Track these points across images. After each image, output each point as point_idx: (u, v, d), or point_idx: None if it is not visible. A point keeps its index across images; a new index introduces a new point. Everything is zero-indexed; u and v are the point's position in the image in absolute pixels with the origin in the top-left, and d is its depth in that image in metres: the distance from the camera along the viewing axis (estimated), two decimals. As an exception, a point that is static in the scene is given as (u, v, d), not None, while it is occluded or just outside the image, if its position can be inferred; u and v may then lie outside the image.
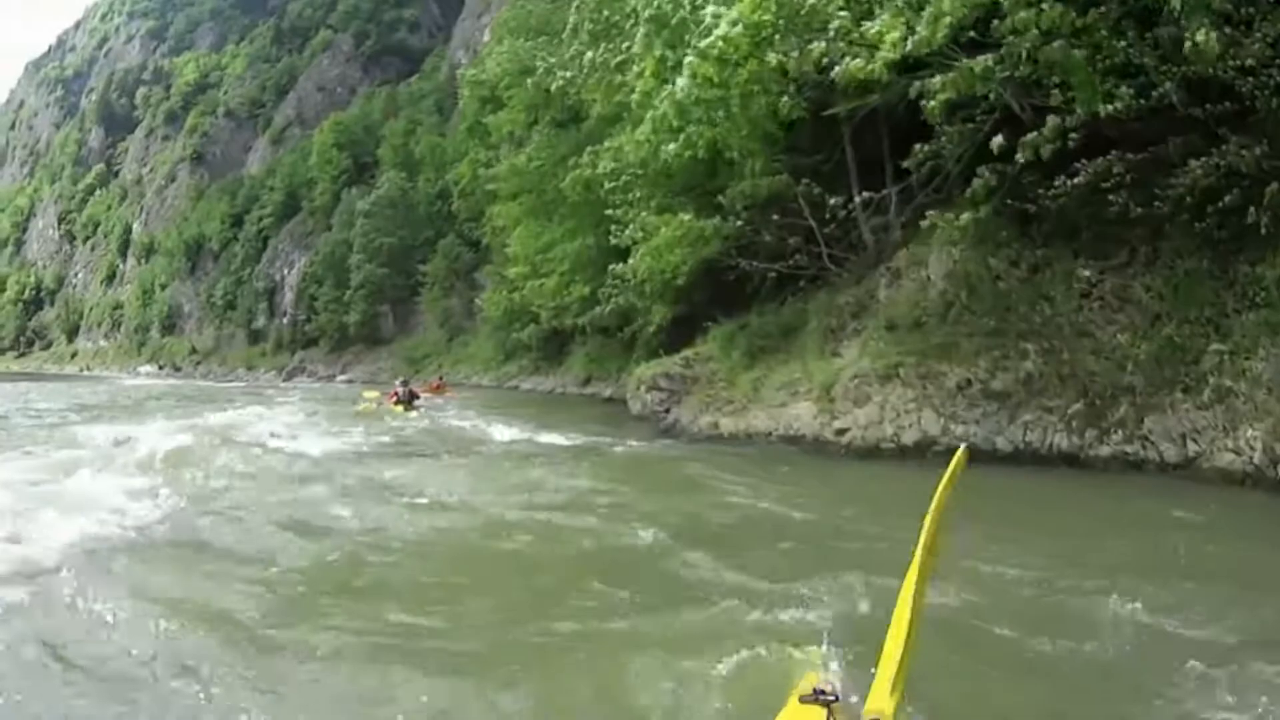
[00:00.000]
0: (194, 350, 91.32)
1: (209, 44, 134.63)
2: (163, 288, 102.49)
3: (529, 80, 28.05)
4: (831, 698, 3.25)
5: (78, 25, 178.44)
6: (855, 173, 16.40)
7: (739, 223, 16.98)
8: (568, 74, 22.14)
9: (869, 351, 13.82)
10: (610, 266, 21.87)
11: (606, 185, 20.33)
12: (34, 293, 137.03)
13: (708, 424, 15.72)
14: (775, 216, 16.75)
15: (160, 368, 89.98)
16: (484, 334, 49.05)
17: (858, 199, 16.09)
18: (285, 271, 79.29)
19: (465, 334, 53.84)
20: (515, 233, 34.05)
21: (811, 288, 16.93)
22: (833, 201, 15.77)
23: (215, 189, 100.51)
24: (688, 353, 18.96)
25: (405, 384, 28.47)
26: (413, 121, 71.41)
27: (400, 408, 25.78)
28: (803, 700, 3.31)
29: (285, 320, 76.29)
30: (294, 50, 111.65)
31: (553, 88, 24.65)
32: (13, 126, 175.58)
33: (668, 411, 17.44)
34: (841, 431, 13.30)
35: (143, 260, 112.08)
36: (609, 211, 20.41)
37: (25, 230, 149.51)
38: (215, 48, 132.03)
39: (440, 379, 39.58)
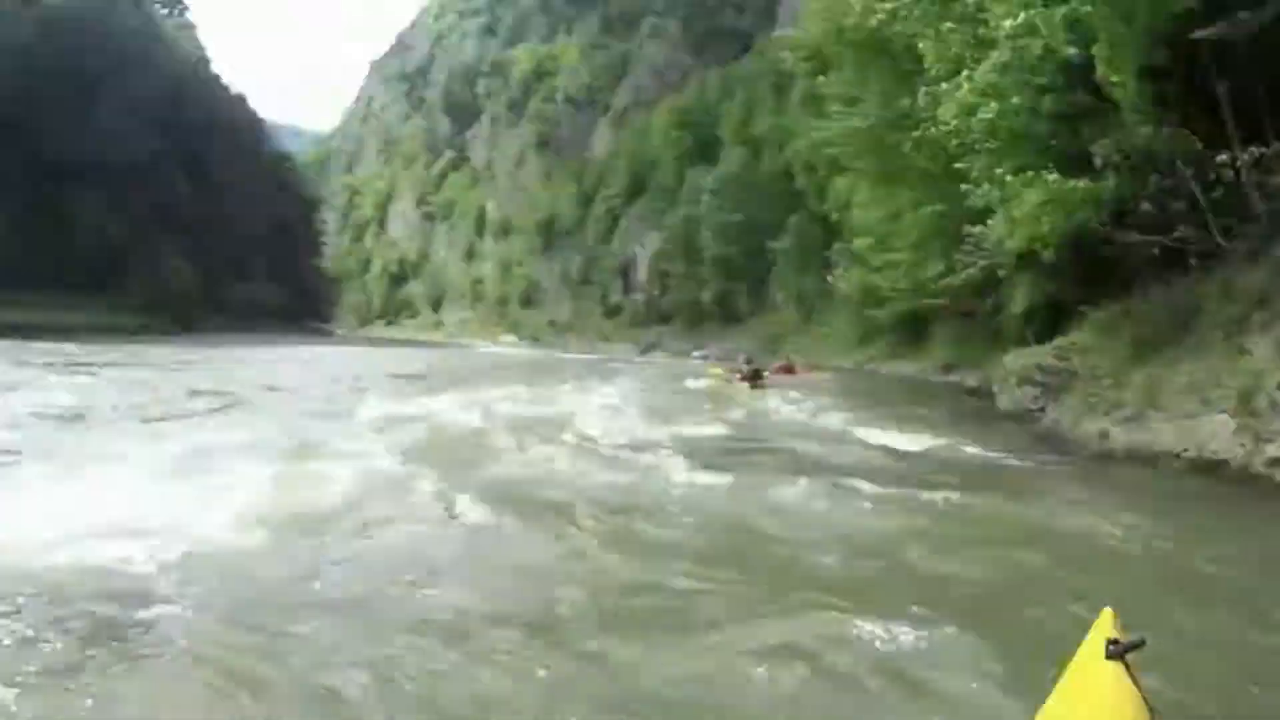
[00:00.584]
0: (552, 323, 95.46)
1: (540, 36, 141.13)
2: (519, 264, 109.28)
3: (848, 26, 26.35)
4: (1134, 642, 2.98)
5: (413, 25, 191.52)
6: (1232, 119, 13.17)
7: (1113, 183, 13.88)
8: (888, 5, 20.51)
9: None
10: (966, 229, 20.22)
11: (953, 142, 17.59)
12: (398, 267, 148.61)
13: (1094, 432, 12.93)
14: (1155, 176, 13.48)
15: (520, 339, 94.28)
16: (840, 314, 47.86)
17: (1244, 156, 12.62)
18: (636, 248, 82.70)
19: (820, 313, 52.82)
20: (857, 201, 33.50)
21: (1199, 267, 14.07)
22: (1220, 158, 12.75)
23: (562, 171, 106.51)
24: (1061, 342, 17.19)
25: (749, 361, 27.96)
26: (750, 101, 72.47)
27: (746, 385, 24.97)
28: (1109, 657, 2.97)
29: (639, 296, 79.46)
30: (624, 38, 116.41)
31: (873, 22, 22.83)
32: (364, 120, 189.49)
33: (1043, 410, 15.71)
34: (1275, 462, 9.61)
35: (499, 238, 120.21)
36: (959, 165, 17.69)
37: (386, 211, 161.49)
38: (545, 39, 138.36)
39: (788, 359, 35.83)
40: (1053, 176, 13.79)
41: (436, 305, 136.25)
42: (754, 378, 25.32)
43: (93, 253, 55.21)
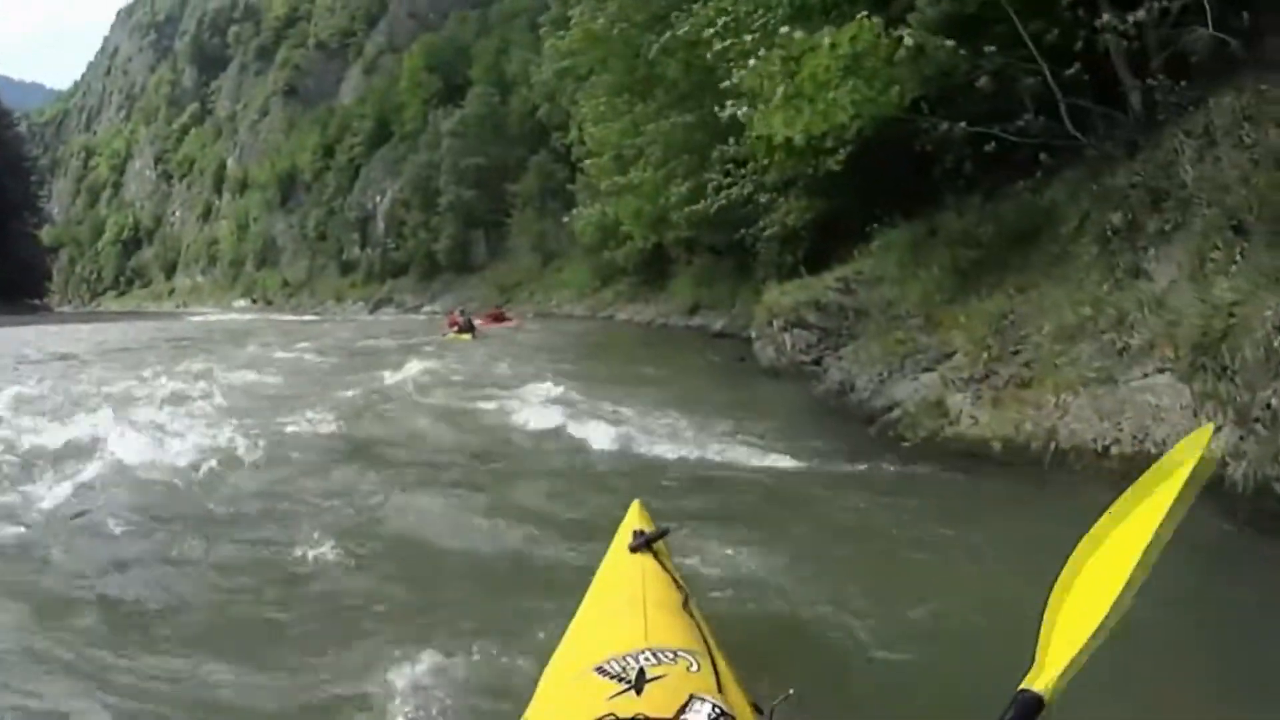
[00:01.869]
0: (286, 283, 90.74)
1: None
2: (255, 221, 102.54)
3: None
4: (657, 532, 3.52)
5: None
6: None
7: (943, 50, 10.04)
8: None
9: (1227, 269, 6.76)
10: (720, 148, 17.84)
11: (715, 46, 13.99)
12: (133, 233, 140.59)
13: (921, 406, 8.91)
14: (991, 49, 9.97)
15: (254, 301, 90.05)
16: (577, 257, 45.69)
17: (1111, 27, 9.40)
18: (377, 200, 77.29)
19: (560, 259, 50.50)
20: (594, 117, 28.37)
21: (1046, 171, 10.58)
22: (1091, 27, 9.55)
23: (307, 120, 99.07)
24: (844, 271, 13.24)
25: (463, 312, 30.02)
26: (505, 41, 67.63)
27: (466, 336, 26.70)
28: (633, 549, 3.43)
29: (377, 250, 74.46)
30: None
31: None
32: (108, 73, 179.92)
33: (819, 363, 12.00)
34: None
35: (237, 195, 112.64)
36: (725, 84, 13.49)
37: (123, 173, 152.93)
38: None
39: (498, 307, 38.40)
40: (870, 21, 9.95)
41: (171, 271, 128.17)
42: (467, 328, 27.45)
43: None
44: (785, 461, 8.03)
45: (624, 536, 3.59)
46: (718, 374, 16.21)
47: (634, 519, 3.78)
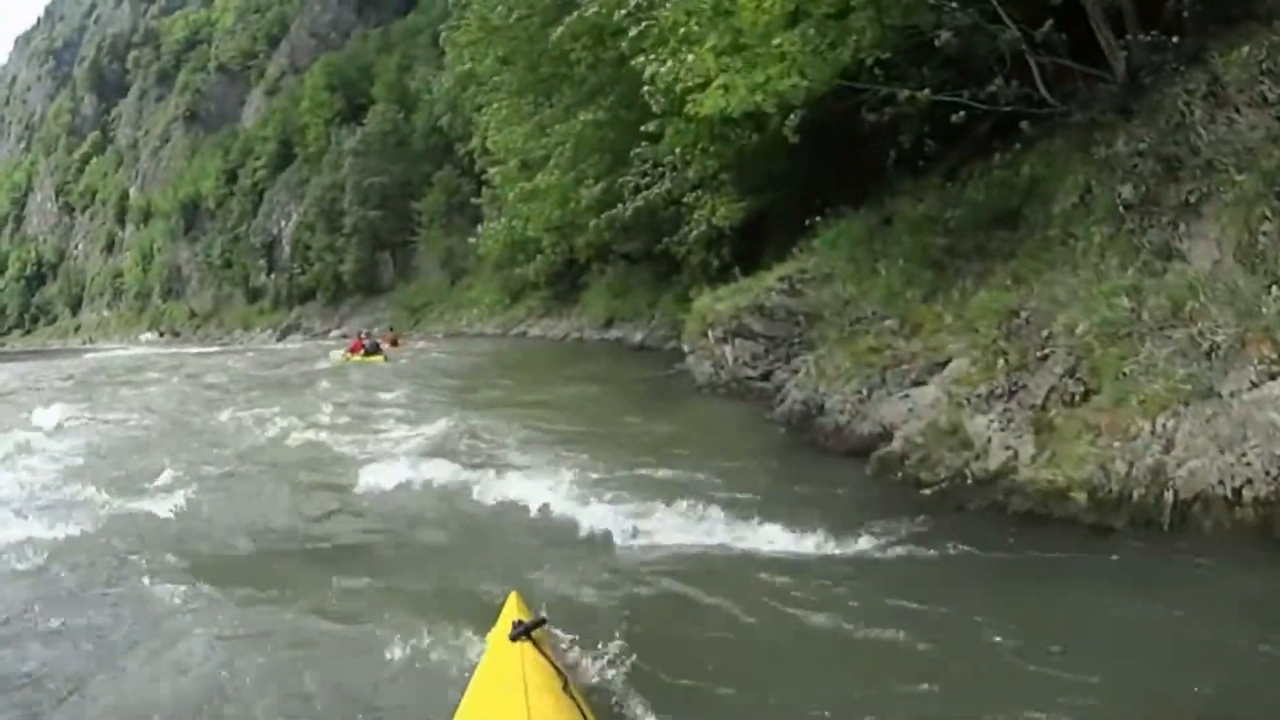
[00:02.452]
0: (193, 314, 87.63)
1: (199, 1, 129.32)
2: (159, 251, 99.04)
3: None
4: (534, 621, 3.66)
5: None
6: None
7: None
8: None
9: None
10: (635, 151, 16.62)
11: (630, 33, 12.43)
12: (35, 268, 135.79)
13: (930, 434, 6.80)
14: (953, 4, 8.47)
15: (160, 334, 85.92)
16: (486, 274, 44.09)
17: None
18: (282, 224, 74.33)
19: (469, 276, 48.57)
20: (497, 122, 25.51)
21: (1020, 143, 9.08)
22: None
23: (209, 145, 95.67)
24: (785, 270, 11.29)
25: (368, 335, 29.64)
26: (408, 57, 65.58)
27: (377, 358, 26.17)
28: (514, 638, 3.56)
29: (284, 276, 71.15)
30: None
31: None
32: (6, 102, 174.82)
33: (768, 379, 10.18)
34: None
35: (141, 225, 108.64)
36: (644, 67, 11.73)
37: (24, 206, 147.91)
38: (205, 3, 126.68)
39: (390, 329, 37.62)
40: None
41: (76, 307, 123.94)
42: (374, 350, 26.86)
43: None
44: (751, 523, 6.04)
45: (504, 627, 3.72)
46: (644, 394, 14.15)
47: (512, 609, 3.95)
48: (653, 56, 10.97)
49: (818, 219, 11.81)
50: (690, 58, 9.40)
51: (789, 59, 8.33)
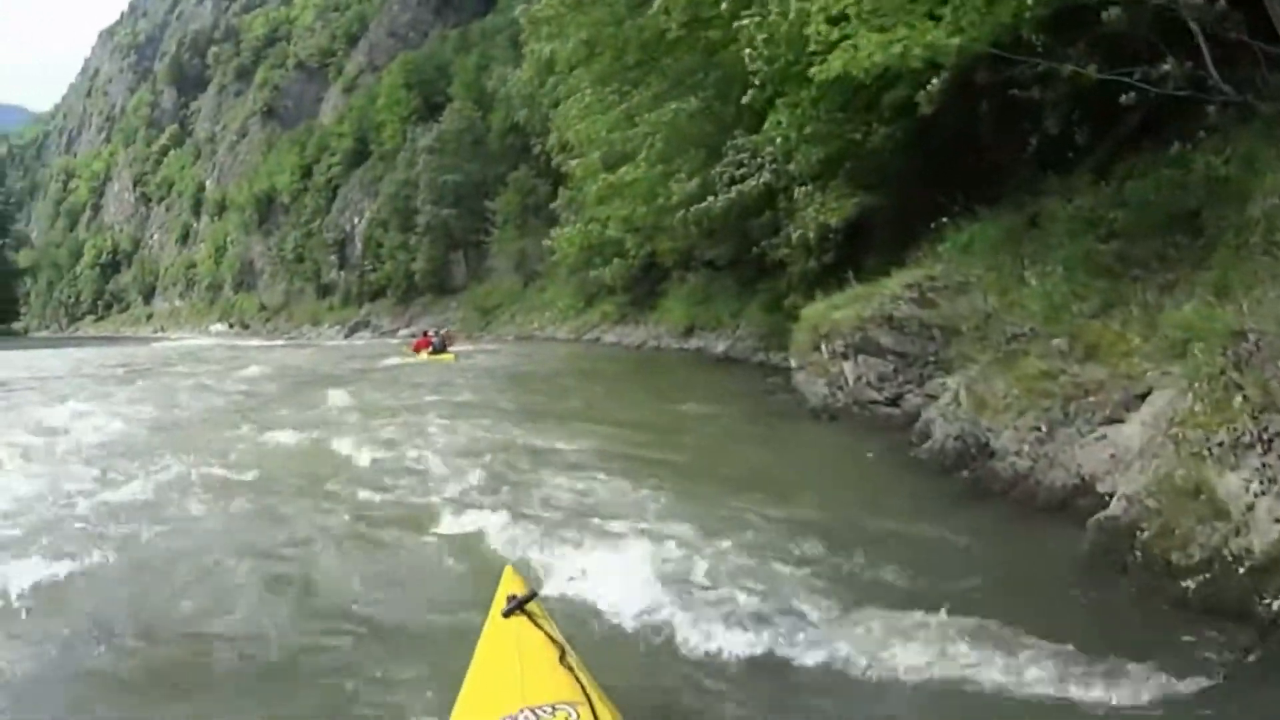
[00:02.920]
0: (263, 307, 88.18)
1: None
2: (233, 244, 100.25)
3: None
4: (526, 596, 3.59)
5: None
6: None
7: None
8: None
9: None
10: (731, 142, 15.28)
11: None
12: (110, 256, 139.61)
13: (1164, 495, 5.06)
14: None
15: (230, 326, 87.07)
16: (560, 277, 42.43)
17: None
18: (355, 221, 74.10)
19: (542, 279, 47.10)
20: (577, 109, 23.46)
21: (1184, 135, 8.06)
22: None
23: (285, 140, 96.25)
24: (910, 276, 9.95)
25: (437, 332, 30.04)
26: (485, 57, 64.64)
27: (447, 357, 25.87)
28: (506, 614, 3.52)
29: (354, 272, 71.07)
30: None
31: None
32: (89, 94, 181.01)
33: (897, 403, 8.93)
34: None
35: (215, 218, 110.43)
36: (747, 51, 10.95)
37: (102, 195, 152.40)
38: (285, 1, 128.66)
39: (435, 331, 33.81)
40: None
41: (150, 295, 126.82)
42: (441, 349, 26.67)
43: None
44: (966, 639, 4.29)
45: (500, 604, 3.64)
46: (746, 415, 12.00)
47: (509, 584, 3.87)
48: (757, 16, 10.13)
49: (943, 220, 10.60)
50: (813, 4, 8.57)
51: (950, 6, 7.49)
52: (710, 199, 18.07)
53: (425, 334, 30.73)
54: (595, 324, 36.60)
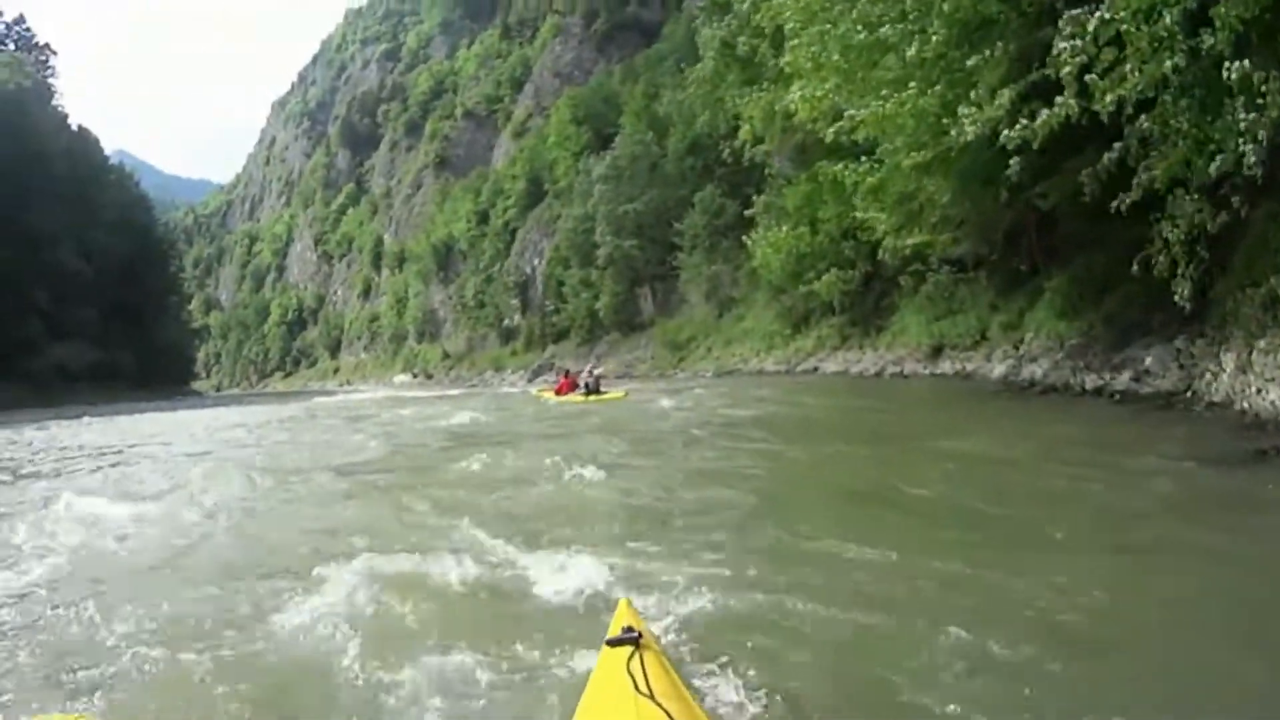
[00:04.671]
0: (446, 355, 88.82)
1: (442, 55, 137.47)
2: (415, 295, 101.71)
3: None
4: (636, 634, 3.41)
5: (314, 60, 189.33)
6: None
7: None
8: None
9: None
10: (1063, 18, 9.86)
11: None
12: (296, 314, 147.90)
13: None
14: None
15: (414, 375, 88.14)
16: (760, 301, 38.90)
17: None
18: (535, 262, 73.12)
19: (739, 305, 43.49)
20: (797, 22, 18.06)
21: None
22: None
23: (459, 188, 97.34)
24: None
25: (591, 371, 26.50)
26: (653, 84, 62.92)
27: (580, 397, 23.35)
28: (610, 643, 3.47)
29: (537, 315, 69.88)
30: (524, 42, 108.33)
31: None
32: (267, 162, 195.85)
33: None
34: None
35: (395, 270, 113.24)
36: None
37: (285, 256, 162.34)
38: (448, 57, 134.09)
39: (568, 372, 29.13)
40: None
41: (335, 349, 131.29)
42: (594, 389, 24.09)
43: None
44: None
45: (614, 633, 3.58)
46: (1214, 507, 6.34)
47: (623, 617, 3.80)
48: None
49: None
50: None
51: None
52: (1021, 123, 11.13)
53: (567, 373, 27.49)
54: (810, 351, 31.65)
